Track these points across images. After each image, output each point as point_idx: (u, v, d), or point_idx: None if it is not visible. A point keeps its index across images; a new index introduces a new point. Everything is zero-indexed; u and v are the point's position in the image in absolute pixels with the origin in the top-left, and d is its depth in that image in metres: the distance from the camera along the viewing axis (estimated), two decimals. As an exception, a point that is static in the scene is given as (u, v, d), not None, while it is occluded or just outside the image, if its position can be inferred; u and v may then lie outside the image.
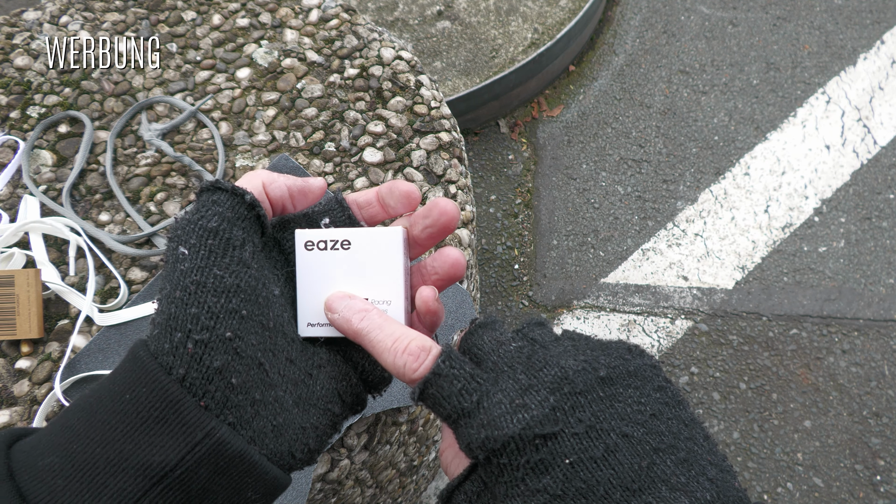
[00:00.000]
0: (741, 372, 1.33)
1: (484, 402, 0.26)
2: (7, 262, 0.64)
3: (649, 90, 1.71)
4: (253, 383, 0.26)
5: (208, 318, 0.25)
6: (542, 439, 0.24)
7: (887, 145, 1.59)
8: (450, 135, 0.76)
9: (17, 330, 0.60)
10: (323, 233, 0.31)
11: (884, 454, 1.24)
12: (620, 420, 0.25)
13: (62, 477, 0.23)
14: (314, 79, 0.79)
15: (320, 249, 0.31)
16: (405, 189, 0.32)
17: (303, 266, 0.31)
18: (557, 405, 0.25)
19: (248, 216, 0.28)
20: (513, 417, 0.25)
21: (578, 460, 0.24)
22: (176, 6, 0.85)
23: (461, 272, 0.32)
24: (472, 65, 1.54)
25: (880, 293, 1.41)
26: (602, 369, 0.26)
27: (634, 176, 1.58)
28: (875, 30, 1.77)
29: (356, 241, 0.31)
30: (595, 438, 0.24)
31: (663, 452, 0.24)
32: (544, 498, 0.24)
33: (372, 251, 0.31)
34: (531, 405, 0.25)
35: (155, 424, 0.24)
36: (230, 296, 0.26)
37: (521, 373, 0.26)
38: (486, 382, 0.26)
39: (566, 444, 0.24)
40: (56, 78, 0.78)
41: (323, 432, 0.30)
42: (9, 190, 0.71)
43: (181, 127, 0.75)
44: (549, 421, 0.24)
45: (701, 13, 1.83)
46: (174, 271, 0.26)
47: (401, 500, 0.88)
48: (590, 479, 0.24)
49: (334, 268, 0.31)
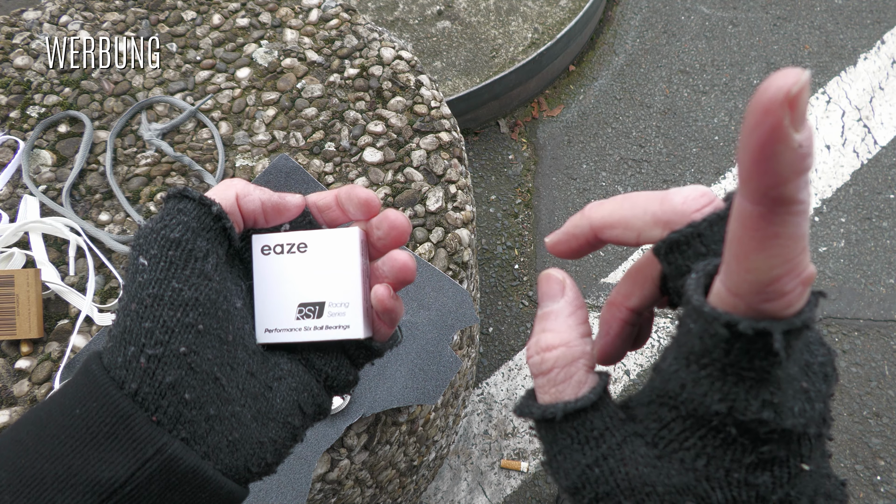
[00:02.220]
0: (741, 372, 1.33)
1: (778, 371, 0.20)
2: (7, 262, 0.64)
3: (649, 90, 1.71)
4: (208, 398, 0.25)
5: (163, 332, 0.25)
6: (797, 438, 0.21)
7: (887, 145, 1.59)
8: (450, 135, 0.76)
9: (16, 330, 0.60)
10: (279, 236, 0.31)
11: (884, 454, 1.24)
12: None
13: (9, 493, 0.23)
14: (314, 79, 0.79)
15: (277, 253, 0.31)
16: (363, 197, 0.31)
17: (260, 271, 0.31)
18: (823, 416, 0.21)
19: (214, 227, 0.28)
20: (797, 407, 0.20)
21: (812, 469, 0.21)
22: (176, 6, 0.85)
23: (411, 276, 0.31)
24: (472, 65, 1.54)
25: (880, 293, 1.41)
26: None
27: (634, 176, 1.58)
28: (875, 30, 1.77)
29: (312, 243, 0.31)
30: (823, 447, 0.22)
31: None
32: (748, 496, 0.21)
33: (329, 253, 0.31)
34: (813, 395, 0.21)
35: (105, 440, 0.23)
36: (187, 309, 0.25)
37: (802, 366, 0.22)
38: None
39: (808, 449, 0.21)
40: (56, 78, 0.78)
41: (282, 445, 0.29)
42: (9, 190, 0.71)
43: (181, 127, 0.75)
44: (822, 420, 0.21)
45: (701, 13, 1.83)
46: (133, 282, 0.26)
47: (401, 500, 0.88)
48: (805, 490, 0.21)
49: (291, 271, 0.31)
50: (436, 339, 0.65)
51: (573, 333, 0.24)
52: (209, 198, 0.28)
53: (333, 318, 0.31)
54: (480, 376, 1.31)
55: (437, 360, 0.64)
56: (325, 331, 0.31)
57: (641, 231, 0.23)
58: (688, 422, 0.21)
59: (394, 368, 0.63)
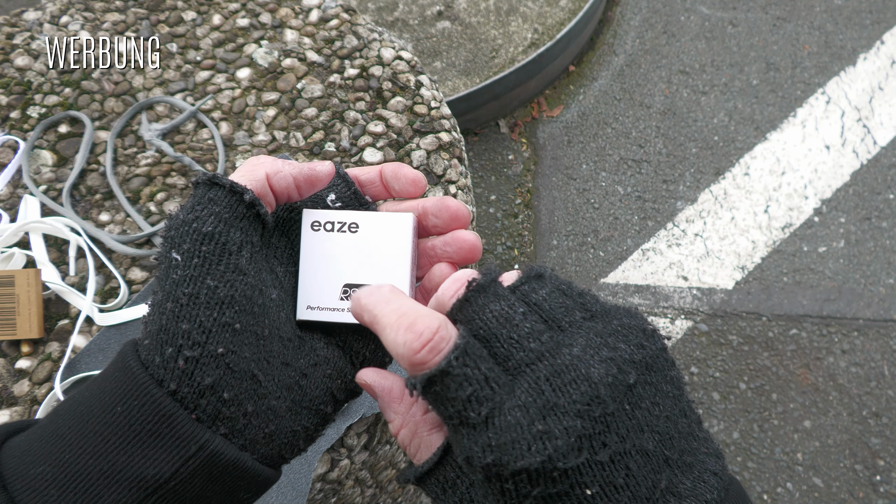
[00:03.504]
0: (741, 372, 1.33)
1: (496, 418, 0.22)
2: (7, 262, 0.64)
3: (649, 90, 1.71)
4: (246, 395, 0.26)
5: (200, 333, 0.25)
6: (563, 471, 0.22)
7: (887, 145, 1.59)
8: (450, 135, 0.76)
9: (17, 330, 0.60)
10: (330, 214, 0.30)
11: (884, 454, 1.24)
12: (640, 434, 0.23)
13: (56, 487, 0.23)
14: (314, 79, 0.79)
15: (327, 231, 0.30)
16: (412, 176, 0.31)
17: (307, 246, 0.30)
18: (585, 432, 0.22)
19: (248, 215, 0.27)
20: (532, 447, 0.22)
21: (600, 490, 0.22)
22: (176, 6, 0.85)
23: (478, 255, 0.31)
24: (472, 65, 1.54)
25: (880, 293, 1.41)
26: (631, 374, 0.23)
27: (634, 176, 1.58)
28: (875, 30, 1.77)
29: (364, 224, 0.30)
30: (618, 463, 0.22)
31: (672, 462, 0.24)
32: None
33: (380, 236, 0.30)
34: (555, 432, 0.22)
35: (148, 437, 0.23)
36: (223, 308, 0.25)
37: (545, 382, 0.23)
38: (500, 390, 0.23)
39: (588, 474, 0.22)
40: (56, 78, 0.78)
41: (314, 431, 0.30)
42: (9, 190, 0.71)
43: (181, 127, 0.76)
44: (574, 451, 0.22)
45: (701, 13, 1.83)
46: (166, 279, 0.25)
47: (401, 500, 0.88)
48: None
49: (340, 250, 0.30)
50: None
51: (401, 414, 0.28)
52: (240, 185, 0.27)
53: None
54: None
55: None
56: None
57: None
58: (478, 474, 0.24)
59: (394, 368, 0.63)
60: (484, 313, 0.24)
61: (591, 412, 0.22)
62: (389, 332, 0.24)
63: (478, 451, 0.23)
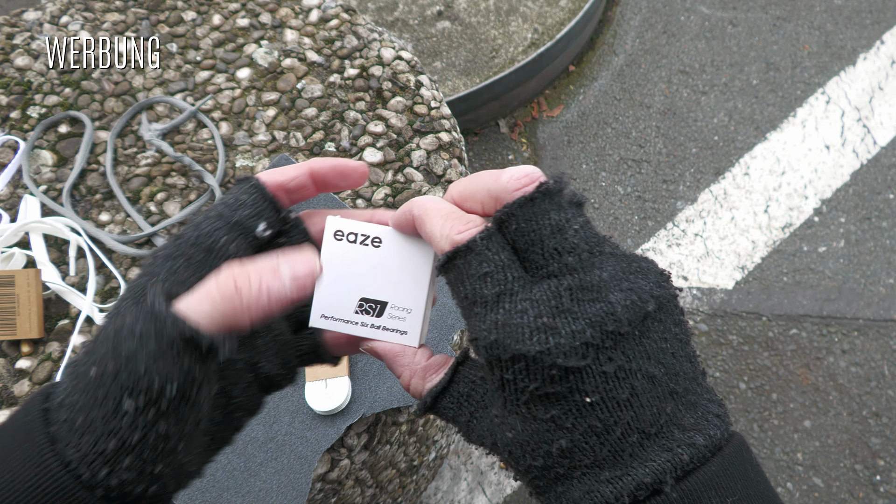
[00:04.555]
0: (741, 372, 1.33)
1: (506, 300, 0.24)
2: (7, 262, 0.64)
3: (649, 90, 1.71)
4: (168, 479, 0.25)
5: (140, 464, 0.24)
6: (562, 371, 0.23)
7: (887, 145, 1.59)
8: (450, 135, 0.76)
9: (17, 330, 0.60)
10: (355, 225, 0.31)
11: (884, 454, 1.24)
12: (647, 360, 0.23)
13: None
14: (314, 79, 0.79)
15: (349, 242, 0.30)
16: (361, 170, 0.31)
17: (328, 254, 0.30)
18: (592, 341, 0.23)
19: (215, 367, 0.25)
20: (533, 334, 0.23)
21: (600, 401, 0.23)
22: (176, 6, 0.85)
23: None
24: (472, 65, 1.54)
25: (880, 293, 1.41)
26: (650, 303, 0.24)
27: (634, 176, 1.58)
28: (875, 30, 1.77)
29: (388, 241, 0.30)
30: (622, 379, 0.23)
31: (677, 396, 0.24)
32: (548, 426, 0.23)
33: (402, 254, 0.30)
34: (561, 330, 0.23)
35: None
36: (172, 441, 0.24)
37: (566, 291, 0.23)
38: (514, 282, 0.24)
39: (590, 382, 0.23)
40: (56, 78, 0.78)
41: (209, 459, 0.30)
42: (9, 190, 0.71)
43: (181, 127, 0.76)
44: (576, 354, 0.22)
45: (701, 13, 1.83)
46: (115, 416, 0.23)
47: (401, 500, 0.88)
48: (608, 420, 0.23)
49: (360, 263, 0.30)
50: (436, 339, 0.65)
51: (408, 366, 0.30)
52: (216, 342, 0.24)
53: (393, 320, 0.31)
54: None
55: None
56: (382, 331, 0.31)
57: (483, 203, 0.27)
58: (482, 360, 0.25)
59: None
60: (542, 218, 0.25)
61: (604, 325, 0.23)
62: (438, 219, 0.27)
63: (483, 329, 0.24)
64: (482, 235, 0.25)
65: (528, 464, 0.24)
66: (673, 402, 0.24)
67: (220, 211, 0.28)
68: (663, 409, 0.23)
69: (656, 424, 0.23)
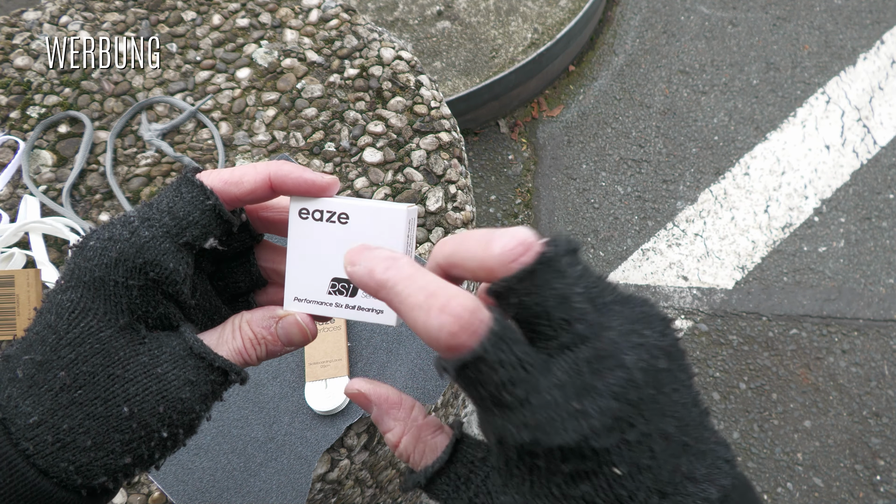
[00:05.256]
0: (741, 372, 1.33)
1: (532, 398, 0.22)
2: (7, 262, 0.64)
3: (649, 90, 1.71)
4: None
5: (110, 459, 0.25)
6: (594, 451, 0.22)
7: (887, 145, 1.59)
8: (450, 135, 0.76)
9: (17, 330, 0.60)
10: (319, 202, 0.29)
11: (884, 454, 1.24)
12: (662, 417, 0.23)
13: None
14: (314, 79, 0.79)
15: (315, 220, 0.29)
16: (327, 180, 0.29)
17: (294, 235, 0.29)
18: (619, 415, 0.22)
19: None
20: (567, 424, 0.22)
21: (627, 471, 0.22)
22: (176, 6, 0.85)
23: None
24: (472, 65, 1.54)
25: (880, 293, 1.41)
26: (661, 360, 0.23)
27: (634, 176, 1.58)
28: (875, 30, 1.77)
29: (355, 215, 0.29)
30: (643, 444, 0.23)
31: (689, 448, 0.24)
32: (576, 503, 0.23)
33: (372, 229, 0.29)
34: (591, 412, 0.22)
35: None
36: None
37: (585, 364, 0.23)
38: (535, 372, 0.23)
39: (617, 455, 0.22)
40: (56, 78, 0.78)
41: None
42: (9, 190, 0.71)
43: (181, 127, 0.76)
44: (607, 431, 0.22)
45: (701, 13, 1.83)
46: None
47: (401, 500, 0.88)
48: (632, 488, 0.23)
49: (328, 242, 0.29)
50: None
51: (402, 421, 0.28)
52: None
53: (367, 299, 0.29)
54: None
55: None
56: (357, 311, 0.29)
57: (474, 272, 0.25)
58: (510, 452, 0.24)
59: (394, 368, 0.63)
60: (545, 290, 0.23)
61: (627, 395, 0.22)
62: (419, 313, 0.23)
63: (512, 429, 0.23)
64: (491, 342, 0.22)
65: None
66: (686, 457, 0.24)
67: (167, 226, 0.27)
68: (678, 466, 0.23)
69: (672, 483, 0.23)
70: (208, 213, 0.27)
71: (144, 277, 0.26)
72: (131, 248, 0.26)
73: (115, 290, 0.26)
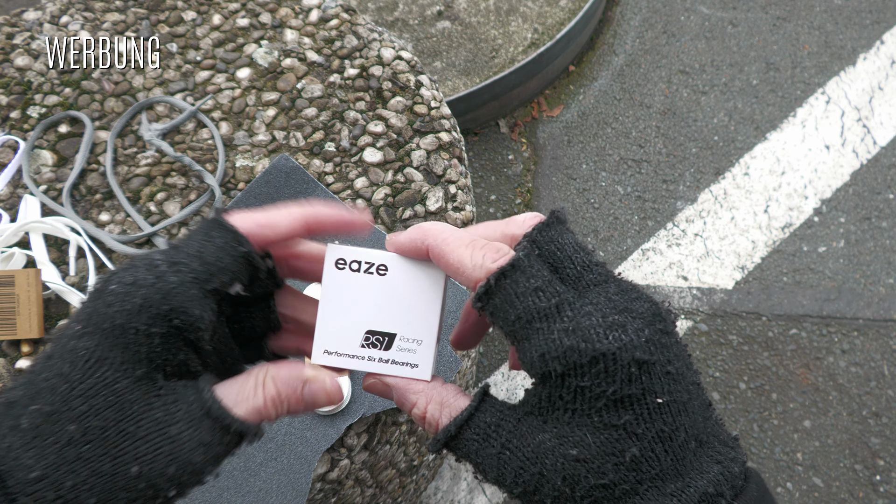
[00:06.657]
0: (741, 372, 1.33)
1: (566, 309, 0.23)
2: (7, 262, 0.64)
3: (649, 90, 1.71)
4: None
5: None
6: (638, 367, 0.22)
7: (887, 145, 1.59)
8: (450, 135, 0.76)
9: (17, 330, 0.60)
10: (358, 251, 0.29)
11: (883, 454, 1.24)
12: (689, 369, 0.24)
13: None
14: (314, 79, 0.79)
15: (352, 270, 0.28)
16: (364, 220, 0.29)
17: (329, 286, 0.28)
18: (651, 338, 0.22)
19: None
20: (608, 333, 0.22)
21: (669, 402, 0.22)
22: (176, 6, 0.85)
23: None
24: (472, 65, 1.54)
25: (880, 293, 1.41)
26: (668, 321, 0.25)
27: (634, 176, 1.58)
28: (875, 30, 1.77)
29: (394, 268, 0.28)
30: (680, 381, 0.23)
31: (711, 409, 0.24)
32: (618, 435, 0.22)
33: (411, 283, 0.28)
34: (628, 327, 0.23)
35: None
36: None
37: (616, 294, 0.24)
38: (567, 291, 0.24)
39: (658, 382, 0.22)
40: (56, 78, 0.78)
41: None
42: (9, 190, 0.71)
43: (181, 127, 0.76)
44: (648, 349, 0.22)
45: (701, 13, 1.83)
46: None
47: (401, 500, 0.88)
48: (672, 424, 0.22)
49: (365, 293, 0.28)
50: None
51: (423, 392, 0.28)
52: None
53: (402, 353, 0.29)
54: (480, 376, 1.31)
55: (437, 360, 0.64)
56: (391, 365, 0.29)
57: (500, 241, 0.27)
58: (549, 386, 0.24)
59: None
60: (563, 238, 0.26)
61: (654, 323, 0.23)
62: (463, 248, 0.26)
63: (553, 339, 0.23)
64: (525, 253, 0.25)
65: (591, 483, 0.23)
66: (710, 413, 0.24)
67: (196, 272, 0.25)
68: (708, 417, 0.23)
69: (705, 432, 0.23)
70: (240, 260, 0.26)
71: (168, 325, 0.25)
72: (157, 293, 0.25)
73: (136, 338, 0.24)
